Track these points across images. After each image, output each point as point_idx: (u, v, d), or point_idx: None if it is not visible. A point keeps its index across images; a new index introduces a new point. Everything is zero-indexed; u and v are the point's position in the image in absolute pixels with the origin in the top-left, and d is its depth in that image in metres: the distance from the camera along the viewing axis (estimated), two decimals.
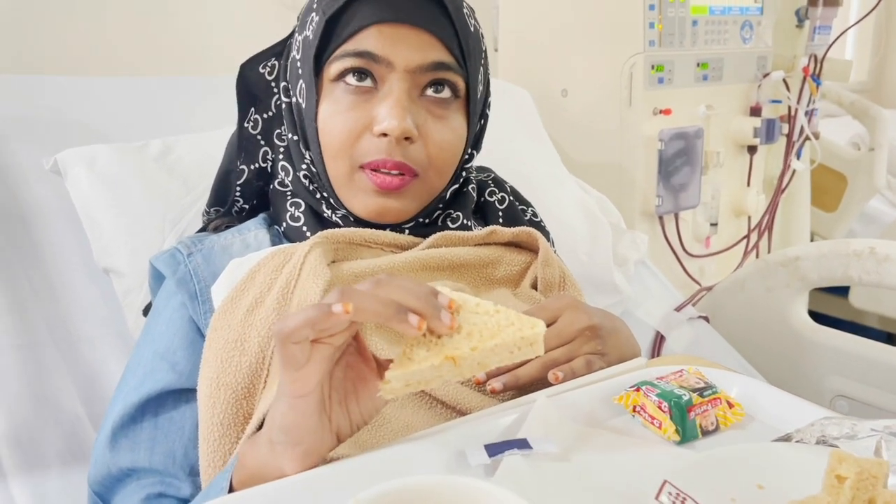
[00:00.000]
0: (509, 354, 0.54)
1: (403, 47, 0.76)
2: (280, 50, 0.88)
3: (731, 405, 0.64)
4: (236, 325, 0.71)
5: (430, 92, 0.78)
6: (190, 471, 0.73)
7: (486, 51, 0.85)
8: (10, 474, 0.86)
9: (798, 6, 1.95)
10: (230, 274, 0.76)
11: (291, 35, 0.86)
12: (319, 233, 0.78)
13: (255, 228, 0.86)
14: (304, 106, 0.80)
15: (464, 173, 0.86)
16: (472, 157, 0.87)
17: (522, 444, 0.56)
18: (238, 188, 0.89)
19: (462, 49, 0.79)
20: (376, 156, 0.76)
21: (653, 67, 1.64)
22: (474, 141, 0.86)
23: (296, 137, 0.83)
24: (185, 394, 0.75)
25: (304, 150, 0.82)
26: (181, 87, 1.31)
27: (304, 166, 0.83)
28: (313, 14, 0.79)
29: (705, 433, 0.62)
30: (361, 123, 0.77)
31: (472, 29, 0.81)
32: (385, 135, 0.75)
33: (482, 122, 0.87)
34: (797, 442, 0.58)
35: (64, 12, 1.63)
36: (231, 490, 0.58)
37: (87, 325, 1.01)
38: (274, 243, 0.84)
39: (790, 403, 0.64)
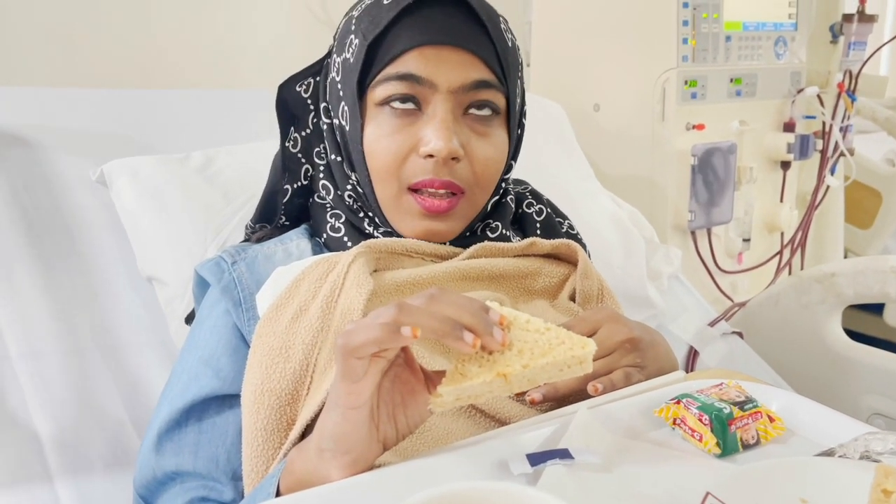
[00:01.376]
0: (559, 372, 0.55)
1: (446, 68, 0.77)
2: (317, 69, 0.89)
3: (771, 419, 0.64)
4: (281, 332, 0.73)
5: (472, 110, 0.79)
6: (232, 475, 0.74)
7: (521, 62, 0.86)
8: (56, 476, 0.88)
9: (833, 22, 1.94)
10: (275, 282, 0.78)
11: (328, 55, 0.87)
12: (362, 242, 0.80)
13: (296, 238, 0.87)
14: (348, 129, 0.82)
15: (503, 184, 0.87)
16: (510, 168, 0.88)
17: (564, 454, 0.57)
18: (283, 207, 0.91)
19: (502, 65, 0.80)
20: (423, 176, 0.78)
21: (686, 83, 1.64)
22: (513, 152, 0.87)
23: (339, 159, 0.84)
24: (228, 400, 0.76)
25: (349, 172, 0.84)
26: (221, 99, 1.33)
27: (349, 187, 0.84)
28: (352, 37, 0.80)
29: (746, 447, 0.62)
30: (408, 145, 0.78)
31: (510, 43, 0.82)
32: (431, 156, 0.77)
33: (519, 131, 0.88)
34: (840, 457, 0.58)
35: (111, 28, 1.68)
36: (278, 494, 0.59)
37: (130, 333, 1.03)
38: (315, 252, 0.86)
39: (832, 418, 0.64)
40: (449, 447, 0.61)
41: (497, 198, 0.88)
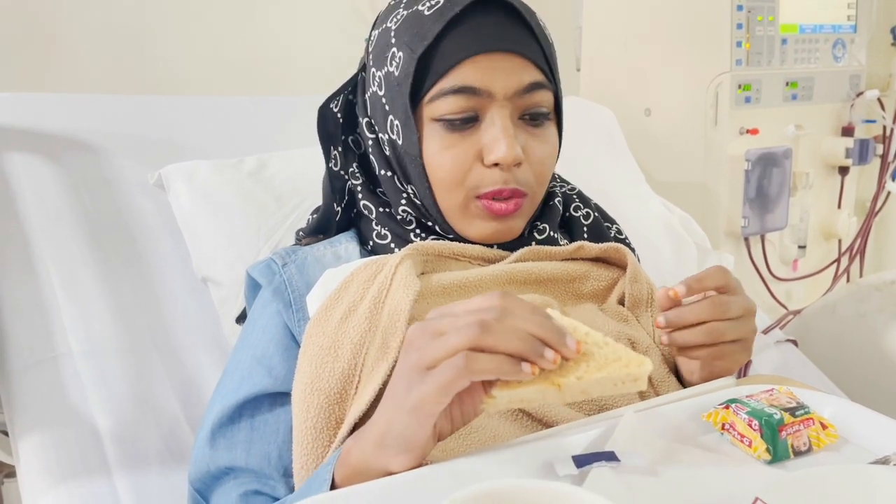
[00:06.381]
0: (613, 387, 0.55)
1: (501, 75, 0.77)
2: (351, 87, 0.89)
3: (824, 426, 0.62)
4: (330, 332, 0.74)
5: (528, 112, 0.80)
6: (283, 472, 0.76)
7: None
8: (114, 470, 0.91)
9: (894, 24, 1.89)
10: (325, 283, 0.79)
11: (362, 69, 0.87)
12: (410, 245, 0.81)
13: (345, 241, 0.89)
14: (401, 143, 0.81)
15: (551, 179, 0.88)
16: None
17: (610, 456, 0.57)
18: (336, 224, 0.92)
19: (549, 63, 0.81)
20: (492, 186, 0.79)
21: (739, 87, 1.62)
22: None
23: (389, 174, 0.84)
24: (280, 397, 0.78)
25: (402, 186, 0.84)
26: (274, 106, 1.36)
27: (403, 200, 0.84)
28: (395, 49, 0.80)
29: (797, 454, 0.61)
30: (471, 155, 0.79)
31: (550, 40, 0.83)
32: (497, 164, 0.78)
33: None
34: (895, 465, 0.56)
35: (170, 37, 1.73)
36: (333, 483, 0.61)
37: (186, 332, 1.06)
38: (363, 255, 0.87)
39: (886, 426, 0.63)
40: (495, 447, 0.61)
41: (545, 196, 0.88)
